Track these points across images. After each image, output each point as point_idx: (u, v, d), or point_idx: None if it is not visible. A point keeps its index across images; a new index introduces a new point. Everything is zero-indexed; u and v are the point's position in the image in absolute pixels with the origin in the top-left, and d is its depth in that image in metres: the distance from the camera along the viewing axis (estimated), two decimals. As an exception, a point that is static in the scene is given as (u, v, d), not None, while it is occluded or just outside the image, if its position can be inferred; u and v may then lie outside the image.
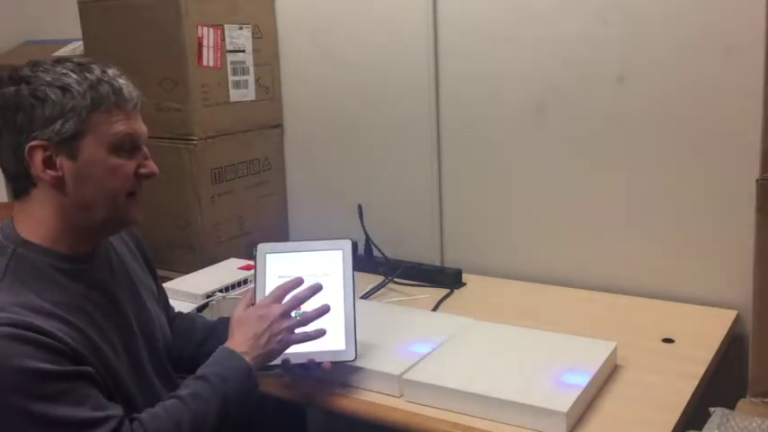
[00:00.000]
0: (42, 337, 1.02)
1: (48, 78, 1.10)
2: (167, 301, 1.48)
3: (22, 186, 1.13)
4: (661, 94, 1.69)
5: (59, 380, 1.02)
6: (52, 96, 1.09)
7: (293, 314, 1.31)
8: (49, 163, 1.10)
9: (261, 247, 1.42)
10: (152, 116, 1.65)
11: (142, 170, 1.17)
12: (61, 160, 1.10)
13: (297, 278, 1.34)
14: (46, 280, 1.10)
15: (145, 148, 1.19)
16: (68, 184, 1.11)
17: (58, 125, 1.09)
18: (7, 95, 1.09)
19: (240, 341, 1.26)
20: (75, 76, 1.11)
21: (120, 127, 1.13)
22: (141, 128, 1.17)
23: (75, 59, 1.15)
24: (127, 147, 1.15)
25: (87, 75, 1.12)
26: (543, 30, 1.79)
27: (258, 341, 1.26)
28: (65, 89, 1.09)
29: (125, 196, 1.16)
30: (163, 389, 1.26)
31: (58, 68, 1.11)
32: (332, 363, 1.34)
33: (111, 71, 1.15)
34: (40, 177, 1.10)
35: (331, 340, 1.35)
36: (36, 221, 1.13)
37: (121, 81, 1.15)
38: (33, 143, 1.08)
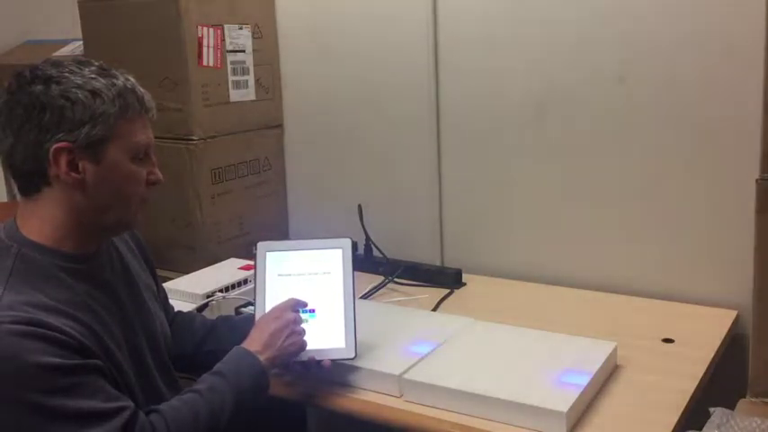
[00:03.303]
0: (52, 333, 1.03)
1: (78, 81, 1.10)
2: (167, 300, 1.48)
3: (33, 184, 1.13)
4: (661, 94, 1.69)
5: (72, 373, 1.03)
6: (83, 99, 1.09)
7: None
8: (71, 165, 1.10)
9: (261, 245, 1.42)
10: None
11: (151, 177, 1.20)
12: (84, 164, 1.11)
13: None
14: (51, 279, 1.11)
15: (153, 157, 1.20)
16: (88, 186, 1.12)
17: (86, 129, 1.09)
18: (35, 93, 1.09)
19: (255, 339, 1.28)
20: (102, 80, 1.11)
21: (141, 136, 1.16)
22: (153, 136, 1.20)
23: (95, 62, 1.15)
24: (142, 155, 1.17)
25: (114, 81, 1.13)
26: (543, 30, 1.79)
27: (273, 339, 1.27)
28: (95, 93, 1.10)
29: (138, 202, 1.18)
30: (165, 386, 1.27)
31: (85, 71, 1.12)
32: (332, 361, 1.34)
33: (131, 78, 1.16)
34: (60, 178, 1.10)
35: (331, 339, 1.35)
36: (42, 221, 1.13)
37: (141, 89, 1.16)
38: (59, 144, 1.08)
